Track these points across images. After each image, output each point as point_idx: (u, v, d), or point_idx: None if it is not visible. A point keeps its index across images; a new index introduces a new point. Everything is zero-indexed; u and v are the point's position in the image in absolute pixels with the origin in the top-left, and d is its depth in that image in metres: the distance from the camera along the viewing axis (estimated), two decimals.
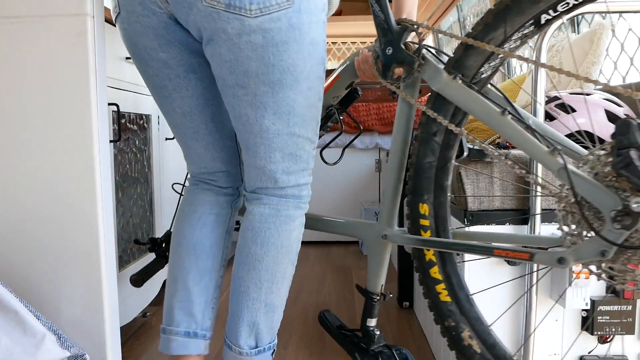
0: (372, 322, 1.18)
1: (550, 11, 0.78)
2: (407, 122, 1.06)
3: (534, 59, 1.03)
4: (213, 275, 1.12)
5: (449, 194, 0.98)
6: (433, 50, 0.97)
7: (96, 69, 1.12)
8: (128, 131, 1.57)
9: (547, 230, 1.10)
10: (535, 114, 1.03)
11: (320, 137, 1.19)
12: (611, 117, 1.29)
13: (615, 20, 1.69)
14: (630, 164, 0.67)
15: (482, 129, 1.94)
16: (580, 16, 1.95)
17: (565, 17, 0.81)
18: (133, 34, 0.99)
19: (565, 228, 0.76)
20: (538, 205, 1.05)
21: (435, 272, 1.01)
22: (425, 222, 1.02)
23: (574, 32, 1.99)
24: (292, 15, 0.85)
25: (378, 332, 1.17)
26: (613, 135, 0.70)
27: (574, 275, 1.02)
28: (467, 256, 1.11)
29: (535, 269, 1.07)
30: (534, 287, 1.07)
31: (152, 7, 0.93)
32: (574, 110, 1.31)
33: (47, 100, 1.11)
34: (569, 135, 1.30)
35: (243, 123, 0.96)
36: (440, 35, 3.80)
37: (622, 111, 1.31)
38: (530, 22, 0.80)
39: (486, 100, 0.84)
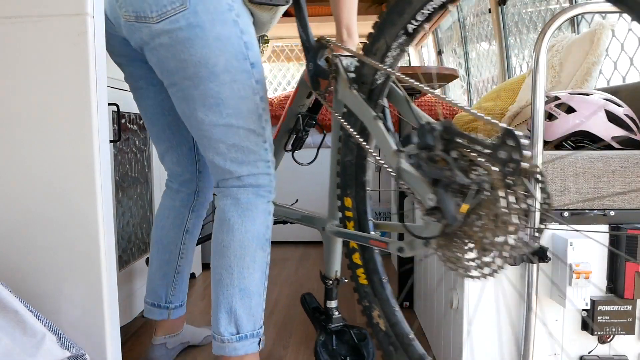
0: (331, 304, 1.34)
1: (413, 20, 0.88)
2: (337, 125, 1.16)
3: (534, 59, 1.03)
4: (171, 265, 1.36)
5: (367, 189, 1.11)
6: (351, 62, 1.06)
7: (96, 69, 1.12)
8: (128, 131, 1.57)
9: (546, 230, 1.10)
10: (535, 114, 1.03)
11: (300, 140, 1.38)
12: (611, 117, 1.29)
13: (615, 20, 1.69)
14: (420, 164, 0.78)
15: (482, 129, 1.94)
16: (580, 16, 1.95)
17: (427, 25, 0.91)
18: (109, 50, 1.20)
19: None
20: (538, 205, 1.05)
21: (357, 257, 1.17)
22: (349, 214, 1.14)
23: (574, 32, 2.00)
24: (190, 16, 0.97)
25: (337, 313, 1.34)
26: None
27: (574, 275, 1.02)
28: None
29: (535, 269, 1.07)
30: (534, 287, 1.07)
31: (110, 30, 1.13)
32: (574, 110, 1.31)
33: (47, 100, 1.11)
34: (569, 135, 1.31)
35: (185, 119, 1.11)
36: (440, 35, 3.80)
37: (622, 111, 1.31)
38: (402, 31, 0.91)
39: (367, 106, 0.96)
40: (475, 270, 0.73)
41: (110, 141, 1.39)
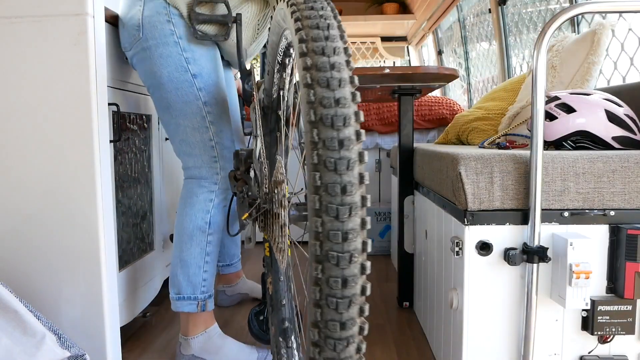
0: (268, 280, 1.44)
1: (278, 57, 1.09)
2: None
3: (534, 59, 1.03)
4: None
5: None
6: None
7: (96, 69, 1.12)
8: (128, 131, 1.57)
9: (546, 230, 1.10)
10: (535, 114, 1.03)
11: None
12: (611, 117, 1.29)
13: (615, 20, 1.69)
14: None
15: (482, 129, 1.94)
16: (580, 16, 1.95)
17: (287, 59, 1.11)
18: None
19: None
20: (538, 204, 1.05)
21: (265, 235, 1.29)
22: None
23: (574, 32, 1.99)
24: (143, 43, 1.32)
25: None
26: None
27: (574, 275, 1.02)
28: (467, 256, 1.11)
29: (535, 269, 1.07)
30: (534, 287, 1.07)
31: None
32: (574, 110, 1.31)
33: (47, 100, 1.11)
34: (569, 135, 1.30)
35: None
36: (440, 35, 3.80)
37: (622, 111, 1.31)
38: (277, 62, 1.11)
39: (259, 123, 1.13)
40: (274, 245, 0.95)
41: (110, 141, 1.39)
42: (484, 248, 1.10)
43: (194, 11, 1.27)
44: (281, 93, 1.19)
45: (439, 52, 3.86)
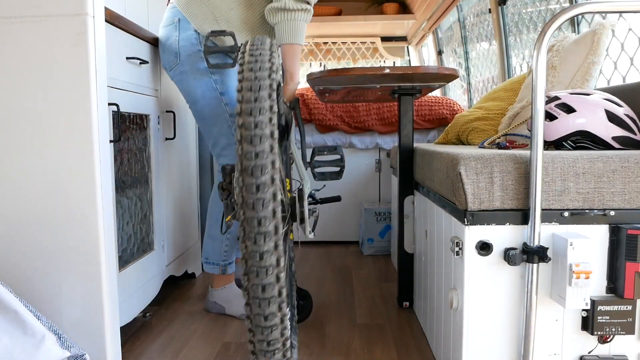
0: None
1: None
2: None
3: (534, 59, 1.03)
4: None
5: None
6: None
7: (96, 69, 1.12)
8: (128, 131, 1.57)
9: (546, 230, 1.10)
10: (535, 114, 1.03)
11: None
12: (611, 117, 1.29)
13: (615, 20, 1.69)
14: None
15: (482, 129, 1.94)
16: (580, 16, 1.95)
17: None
18: None
19: None
20: (538, 204, 1.05)
21: None
22: None
23: (574, 32, 1.99)
24: (180, 68, 1.65)
25: None
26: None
27: (574, 275, 1.02)
28: (467, 256, 1.11)
29: (535, 269, 1.07)
30: (534, 287, 1.07)
31: None
32: (574, 110, 1.31)
33: (47, 100, 1.11)
34: (569, 135, 1.30)
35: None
36: (440, 35, 3.80)
37: (622, 111, 1.31)
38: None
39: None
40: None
41: (110, 141, 1.39)
42: (484, 248, 1.10)
43: (205, 45, 1.44)
44: None
45: (439, 52, 3.86)
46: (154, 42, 1.72)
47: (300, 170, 1.29)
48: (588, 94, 1.34)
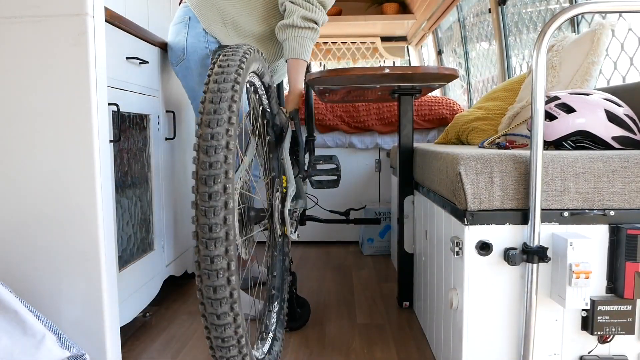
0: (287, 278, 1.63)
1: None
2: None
3: (534, 59, 1.03)
4: None
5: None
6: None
7: (96, 69, 1.12)
8: (128, 131, 1.57)
9: (546, 230, 1.10)
10: (535, 114, 1.03)
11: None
12: (611, 117, 1.29)
13: (615, 20, 1.69)
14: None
15: (482, 129, 1.94)
16: (580, 16, 1.95)
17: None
18: None
19: None
20: (538, 204, 1.05)
21: None
22: None
23: (574, 32, 1.99)
24: (185, 64, 1.73)
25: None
26: None
27: (574, 275, 1.02)
28: (467, 256, 1.11)
29: (535, 269, 1.07)
30: (534, 287, 1.07)
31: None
32: (573, 110, 1.31)
33: (47, 100, 1.11)
34: (569, 135, 1.31)
35: None
36: (440, 35, 3.80)
37: (622, 111, 1.31)
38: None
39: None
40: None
41: (110, 141, 1.39)
42: (484, 248, 1.10)
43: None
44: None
45: (439, 52, 3.86)
46: (153, 42, 1.72)
47: (288, 174, 1.36)
48: (588, 94, 1.34)
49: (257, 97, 1.38)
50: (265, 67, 1.31)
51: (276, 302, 1.53)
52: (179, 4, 2.25)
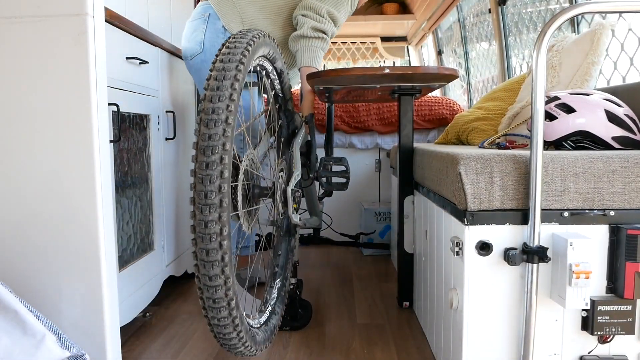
0: (291, 281, 1.66)
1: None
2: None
3: (534, 59, 1.03)
4: None
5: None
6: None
7: (96, 69, 1.12)
8: (128, 131, 1.57)
9: (546, 230, 1.10)
10: (535, 114, 1.03)
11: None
12: (611, 117, 1.29)
13: (615, 20, 1.69)
14: None
15: (482, 129, 1.94)
16: (580, 16, 1.95)
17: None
18: None
19: None
20: (538, 204, 1.05)
21: None
22: None
23: (574, 32, 1.99)
24: (201, 57, 1.79)
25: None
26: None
27: (574, 275, 1.02)
28: (467, 256, 1.11)
29: (535, 269, 1.07)
30: (534, 287, 1.07)
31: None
32: (573, 110, 1.31)
33: (47, 100, 1.11)
34: (569, 135, 1.30)
35: None
36: (440, 35, 3.80)
37: (622, 111, 1.31)
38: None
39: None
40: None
41: (110, 141, 1.39)
42: (484, 248, 1.10)
43: None
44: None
45: (439, 52, 3.86)
46: (153, 42, 1.72)
47: (295, 162, 1.44)
48: (588, 94, 1.34)
49: (270, 81, 1.46)
50: (277, 52, 1.37)
51: (278, 279, 1.60)
52: (196, 3, 2.39)
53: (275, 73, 1.45)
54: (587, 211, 1.11)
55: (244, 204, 1.24)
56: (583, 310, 1.11)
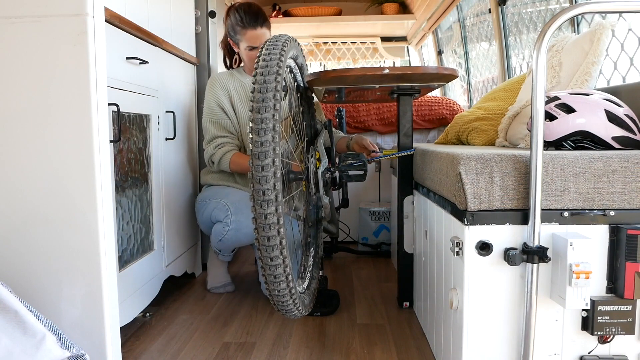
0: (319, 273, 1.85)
1: None
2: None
3: (534, 59, 1.03)
4: None
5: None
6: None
7: (96, 68, 1.12)
8: (128, 131, 1.57)
9: (546, 230, 1.10)
10: (535, 114, 1.03)
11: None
12: (611, 117, 1.29)
13: (615, 20, 1.69)
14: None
15: (482, 129, 1.94)
16: (580, 16, 1.95)
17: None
18: None
19: None
20: (538, 205, 1.05)
21: None
22: None
23: (574, 32, 1.99)
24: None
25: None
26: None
27: (574, 275, 1.02)
28: (467, 256, 1.11)
29: (535, 269, 1.07)
30: (534, 287, 1.07)
31: None
32: (573, 111, 1.31)
33: (47, 100, 1.11)
34: (569, 135, 1.30)
35: None
36: (440, 35, 3.80)
37: (622, 111, 1.30)
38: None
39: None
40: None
41: (110, 141, 1.39)
42: (484, 248, 1.10)
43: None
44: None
45: (439, 52, 3.86)
46: (153, 42, 1.72)
47: (321, 152, 1.60)
48: (588, 94, 1.34)
49: (292, 75, 1.62)
50: (299, 51, 1.53)
51: (312, 248, 1.80)
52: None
53: (297, 68, 1.59)
54: (587, 211, 1.11)
55: (283, 192, 1.38)
56: (583, 310, 1.11)
